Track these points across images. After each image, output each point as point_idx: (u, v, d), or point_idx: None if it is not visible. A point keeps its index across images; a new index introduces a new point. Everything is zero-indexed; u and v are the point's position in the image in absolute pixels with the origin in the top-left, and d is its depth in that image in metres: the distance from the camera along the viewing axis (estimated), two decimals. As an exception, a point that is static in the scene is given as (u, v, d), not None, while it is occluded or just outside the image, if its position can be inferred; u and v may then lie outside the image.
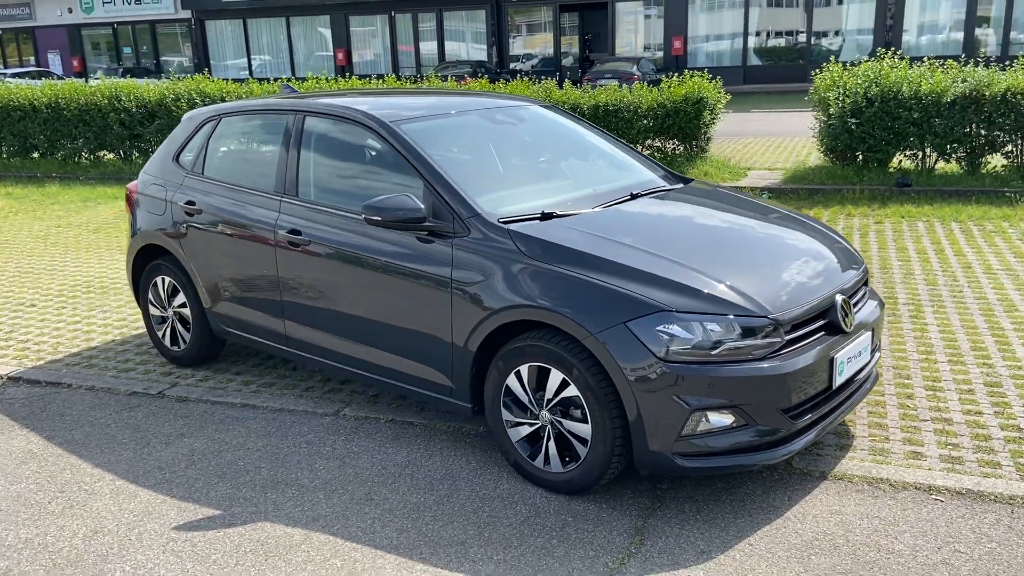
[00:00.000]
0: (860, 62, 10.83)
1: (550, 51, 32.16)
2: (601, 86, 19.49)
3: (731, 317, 3.28)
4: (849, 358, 3.60)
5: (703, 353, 3.24)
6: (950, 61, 10.13)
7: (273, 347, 4.72)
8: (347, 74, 32.69)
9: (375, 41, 34.51)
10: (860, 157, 10.11)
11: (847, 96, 9.66)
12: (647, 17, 30.68)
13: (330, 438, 4.25)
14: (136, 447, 4.25)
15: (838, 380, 3.54)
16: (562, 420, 3.53)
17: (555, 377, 3.49)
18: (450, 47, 33.07)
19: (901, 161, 10.16)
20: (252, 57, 36.44)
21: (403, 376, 4.08)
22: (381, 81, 18.78)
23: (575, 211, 3.93)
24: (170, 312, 5.25)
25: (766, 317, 3.31)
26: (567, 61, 32.22)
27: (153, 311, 5.36)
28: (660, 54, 29.84)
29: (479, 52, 32.43)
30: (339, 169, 4.50)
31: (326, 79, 13.35)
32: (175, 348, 5.29)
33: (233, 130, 5.05)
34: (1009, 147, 9.59)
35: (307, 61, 35.53)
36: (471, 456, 4.00)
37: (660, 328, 3.24)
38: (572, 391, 3.44)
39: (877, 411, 4.27)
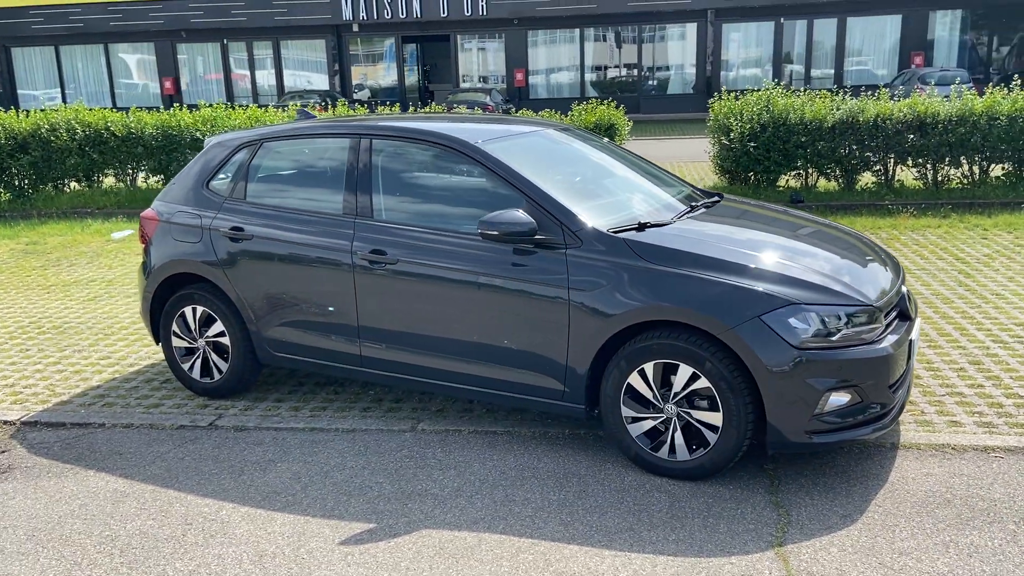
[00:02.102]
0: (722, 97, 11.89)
1: (393, 80, 32.37)
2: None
3: (847, 307, 3.74)
4: (917, 339, 4.16)
5: (827, 339, 3.67)
6: (823, 91, 11.35)
7: (341, 368, 4.72)
8: (178, 104, 31.30)
9: (206, 70, 33.33)
10: (752, 177, 11.11)
11: (745, 123, 10.63)
12: (487, 50, 31.60)
13: (427, 451, 4.34)
14: (232, 476, 4.15)
15: (913, 359, 4.09)
16: (691, 411, 3.85)
17: (684, 371, 3.81)
18: (289, 76, 32.52)
19: (788, 180, 11.26)
20: (66, 87, 34.16)
21: (509, 385, 4.24)
22: (218, 107, 18.13)
23: (660, 221, 4.28)
24: (201, 343, 5.10)
25: (872, 305, 3.80)
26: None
27: (178, 343, 5.17)
28: (503, 85, 30.80)
29: (320, 81, 32.10)
30: (420, 189, 4.62)
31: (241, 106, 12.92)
32: (206, 380, 5.13)
33: (278, 154, 5.01)
34: (878, 166, 10.88)
35: (129, 91, 33.75)
36: (579, 456, 4.23)
37: (791, 320, 3.65)
38: (702, 383, 3.77)
39: (902, 391, 4.88)
